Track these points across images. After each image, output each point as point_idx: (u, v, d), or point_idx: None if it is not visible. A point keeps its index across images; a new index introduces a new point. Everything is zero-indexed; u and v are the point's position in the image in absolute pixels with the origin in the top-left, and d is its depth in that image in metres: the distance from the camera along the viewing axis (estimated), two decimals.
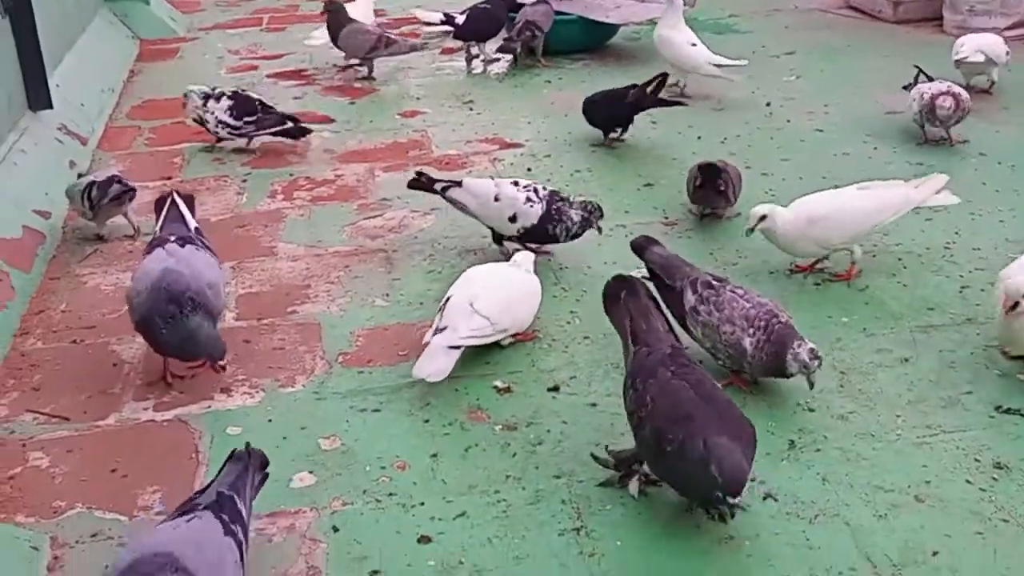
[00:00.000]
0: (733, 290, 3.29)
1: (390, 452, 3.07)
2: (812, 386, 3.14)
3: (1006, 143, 5.28)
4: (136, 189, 4.58)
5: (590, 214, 4.08)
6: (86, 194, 4.39)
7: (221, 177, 5.26)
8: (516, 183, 4.16)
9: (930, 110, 5.07)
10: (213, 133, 5.55)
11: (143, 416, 3.29)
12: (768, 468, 2.91)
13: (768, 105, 6.04)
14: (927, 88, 5.15)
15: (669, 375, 2.74)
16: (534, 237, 4.09)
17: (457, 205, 4.25)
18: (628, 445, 2.89)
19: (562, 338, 3.65)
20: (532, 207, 4.05)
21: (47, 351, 3.69)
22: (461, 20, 7.04)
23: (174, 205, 3.72)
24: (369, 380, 3.44)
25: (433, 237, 4.48)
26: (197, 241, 3.56)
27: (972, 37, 5.94)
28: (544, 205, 4.05)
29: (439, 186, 4.28)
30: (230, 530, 2.32)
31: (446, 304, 3.46)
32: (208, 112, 5.48)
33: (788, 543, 2.66)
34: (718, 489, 2.50)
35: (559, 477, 2.93)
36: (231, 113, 5.45)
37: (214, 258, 3.58)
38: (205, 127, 5.54)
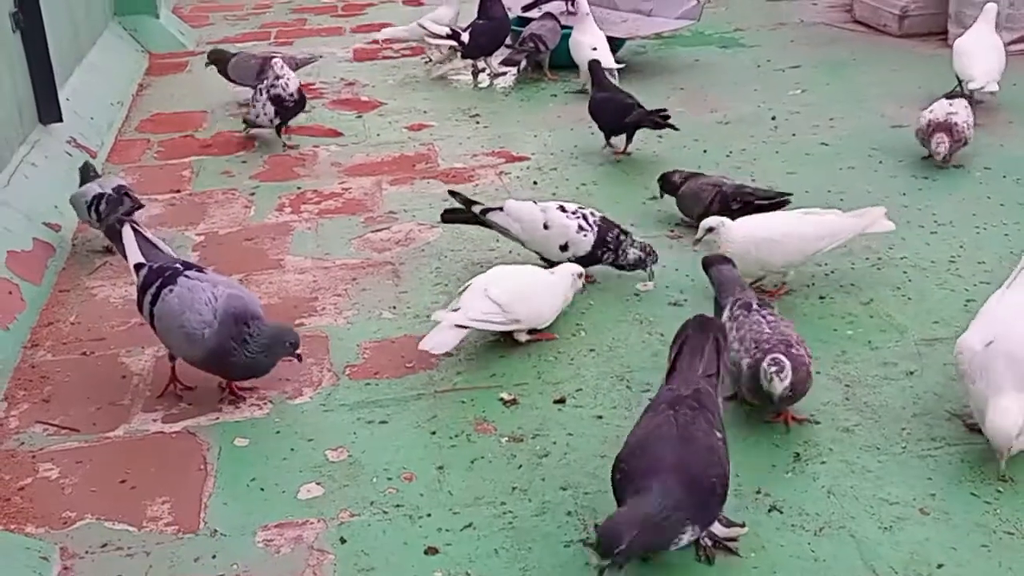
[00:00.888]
0: (764, 316, 3.21)
1: (397, 464, 3.09)
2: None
3: (1011, 157, 5.30)
4: (144, 205, 4.61)
5: (646, 256, 4.03)
6: (93, 207, 4.41)
7: (229, 190, 5.29)
8: (563, 208, 4.07)
9: (927, 139, 5.10)
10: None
11: (152, 428, 3.31)
12: (773, 480, 2.93)
13: (773, 119, 6.06)
14: (929, 112, 5.13)
15: (670, 413, 2.63)
16: (583, 264, 3.99)
17: (498, 229, 4.17)
18: None
19: (568, 350, 3.67)
20: (585, 236, 3.99)
21: (57, 363, 3.72)
22: (466, 37, 7.06)
23: (138, 233, 3.57)
24: (376, 392, 3.46)
25: (440, 250, 4.51)
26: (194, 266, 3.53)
27: (976, 60, 5.83)
28: (596, 233, 4.00)
29: (478, 209, 4.18)
30: None
31: (464, 289, 3.56)
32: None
33: (793, 555, 2.67)
34: (596, 547, 2.42)
35: (565, 489, 2.95)
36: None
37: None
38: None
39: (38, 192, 4.74)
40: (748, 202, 4.34)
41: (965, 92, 5.58)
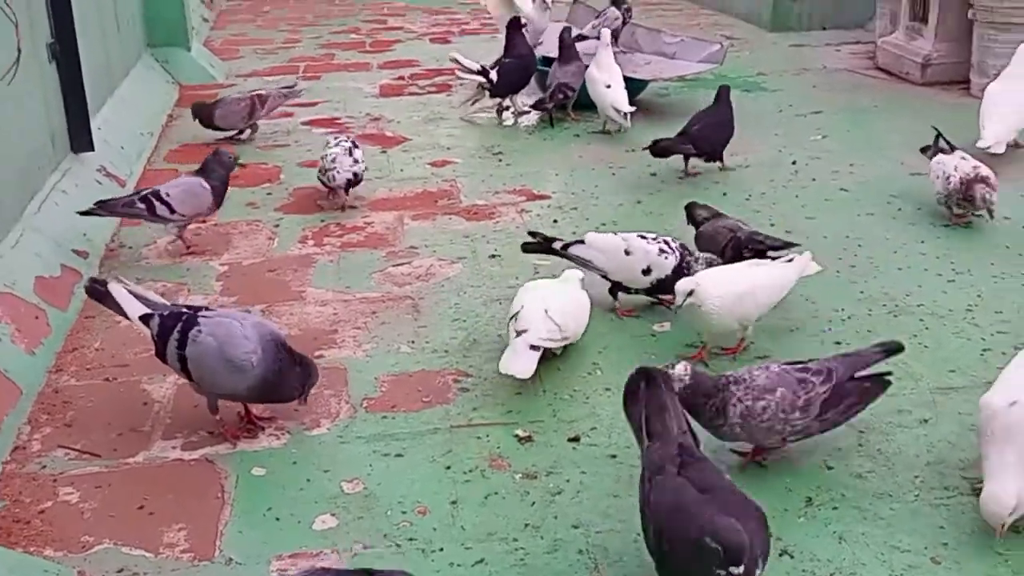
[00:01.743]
0: (769, 368, 3.17)
1: (411, 497, 3.12)
2: None
3: None
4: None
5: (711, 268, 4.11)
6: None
7: (254, 222, 5.38)
8: (642, 236, 4.21)
9: (965, 198, 4.89)
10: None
11: (171, 455, 3.36)
12: (785, 525, 2.93)
13: (794, 163, 6.10)
14: (953, 170, 4.95)
15: (675, 472, 2.63)
16: (664, 288, 4.08)
17: (580, 261, 4.25)
18: None
19: (583, 388, 3.70)
20: (666, 259, 4.11)
21: (80, 388, 3.78)
22: (494, 76, 7.13)
23: (125, 290, 3.53)
24: (392, 425, 3.50)
25: (459, 286, 4.56)
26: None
27: (991, 118, 5.78)
28: (677, 256, 4.12)
29: (558, 245, 4.31)
30: None
31: (520, 311, 3.71)
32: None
33: None
34: (718, 562, 2.35)
35: (577, 527, 2.97)
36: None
37: None
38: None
39: (68, 219, 4.83)
40: (760, 250, 4.37)
41: (943, 146, 5.28)
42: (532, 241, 4.41)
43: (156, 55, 8.27)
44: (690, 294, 3.72)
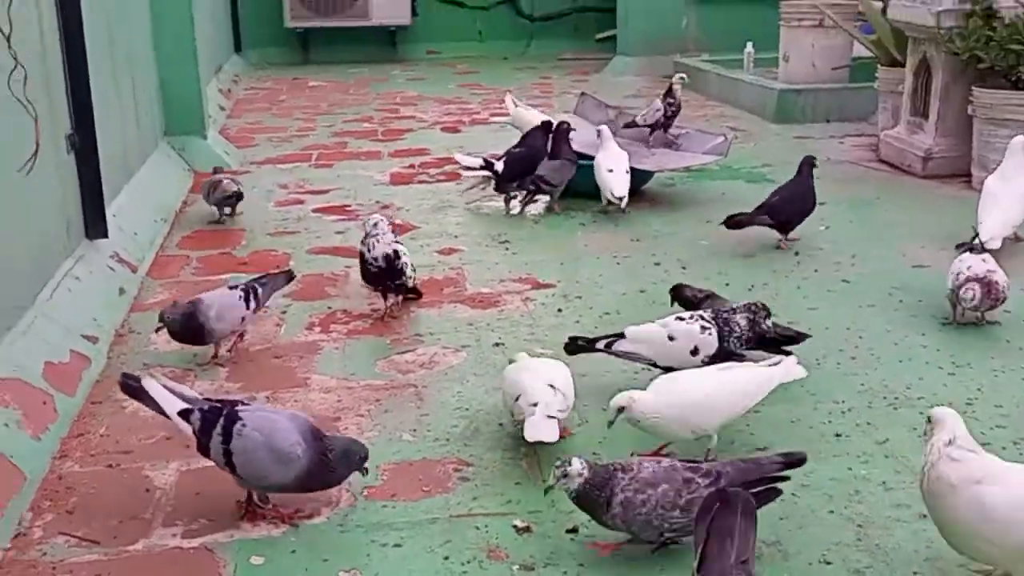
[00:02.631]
0: (660, 463, 3.21)
1: None
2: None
3: None
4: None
5: (754, 314, 4.17)
6: None
7: (262, 308, 5.44)
8: (680, 318, 4.26)
9: (956, 293, 4.89)
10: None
11: (171, 542, 3.37)
12: None
13: (796, 254, 6.18)
14: (966, 269, 4.90)
15: None
16: (717, 360, 4.10)
17: (626, 356, 4.29)
18: None
19: None
20: (709, 335, 4.16)
21: (84, 474, 3.81)
22: (500, 166, 7.26)
23: (160, 386, 3.54)
24: (392, 515, 3.51)
25: (462, 374, 4.60)
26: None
27: (989, 211, 5.83)
28: (717, 328, 4.17)
29: (601, 344, 4.32)
30: None
31: (526, 389, 3.79)
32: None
33: None
34: None
35: None
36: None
37: None
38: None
39: (79, 305, 4.91)
40: (776, 341, 4.39)
41: (976, 244, 5.32)
42: (575, 344, 4.39)
43: (173, 143, 8.45)
44: (620, 411, 3.62)
